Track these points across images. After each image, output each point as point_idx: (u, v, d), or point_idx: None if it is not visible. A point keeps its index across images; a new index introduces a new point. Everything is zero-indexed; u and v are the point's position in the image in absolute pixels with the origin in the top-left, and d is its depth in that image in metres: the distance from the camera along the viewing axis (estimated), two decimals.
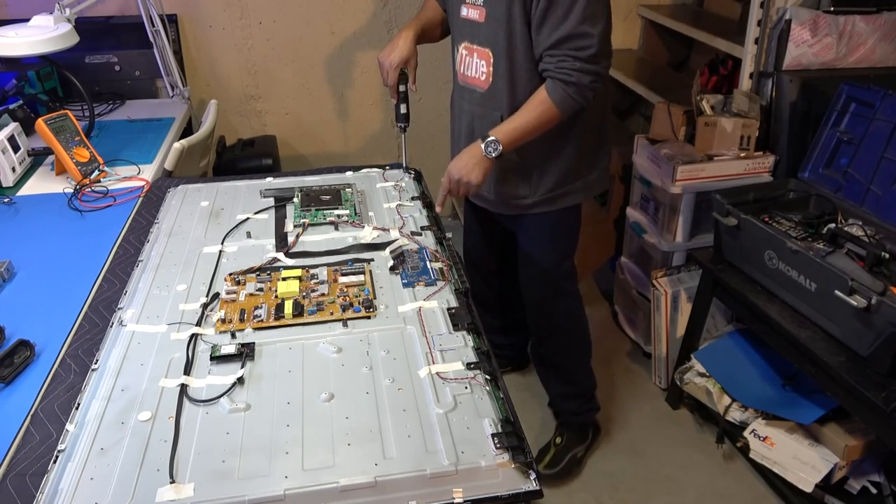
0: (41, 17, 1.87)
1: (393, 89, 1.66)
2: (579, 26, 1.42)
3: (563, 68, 1.46)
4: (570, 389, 2.00)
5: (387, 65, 1.63)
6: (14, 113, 2.00)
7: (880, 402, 1.42)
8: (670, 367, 2.22)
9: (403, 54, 1.62)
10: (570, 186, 1.69)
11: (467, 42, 1.63)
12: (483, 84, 1.61)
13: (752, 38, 2.09)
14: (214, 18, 2.65)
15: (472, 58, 1.62)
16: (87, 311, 1.24)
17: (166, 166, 1.91)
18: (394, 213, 1.53)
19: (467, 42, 1.63)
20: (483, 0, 1.55)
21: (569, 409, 2.02)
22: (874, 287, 1.44)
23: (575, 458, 1.98)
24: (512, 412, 0.97)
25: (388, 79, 1.64)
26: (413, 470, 0.88)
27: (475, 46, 1.60)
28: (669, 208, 2.15)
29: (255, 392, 1.01)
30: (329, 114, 2.94)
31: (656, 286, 2.15)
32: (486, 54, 1.57)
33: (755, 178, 2.10)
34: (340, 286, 1.25)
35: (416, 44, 1.66)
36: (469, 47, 1.63)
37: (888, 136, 1.76)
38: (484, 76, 1.60)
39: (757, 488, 1.92)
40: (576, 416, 2.01)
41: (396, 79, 1.63)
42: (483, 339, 1.13)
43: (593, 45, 1.44)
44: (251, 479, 0.87)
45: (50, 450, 0.93)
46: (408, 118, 1.68)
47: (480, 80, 1.62)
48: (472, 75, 1.64)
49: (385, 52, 1.64)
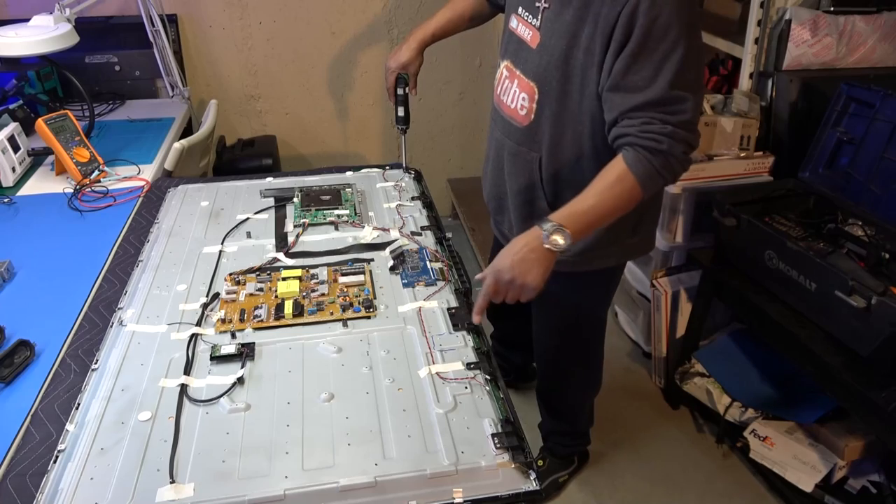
0: (41, 17, 1.87)
1: (390, 92, 1.66)
2: (672, 91, 1.13)
3: (649, 132, 1.14)
4: (566, 428, 1.90)
5: (386, 67, 1.64)
6: (14, 113, 2.00)
7: (880, 402, 1.42)
8: (670, 367, 2.21)
9: (402, 60, 1.62)
10: (603, 251, 1.42)
11: (510, 62, 1.38)
12: (522, 120, 1.35)
13: (752, 38, 2.09)
14: (214, 18, 2.65)
15: (511, 84, 1.37)
16: (87, 311, 1.24)
17: (166, 166, 1.91)
18: (394, 213, 1.53)
19: (510, 62, 1.38)
20: (539, 20, 1.28)
21: (559, 441, 1.93)
22: (874, 287, 1.44)
23: (556, 482, 1.92)
24: (512, 412, 0.97)
25: (386, 81, 1.65)
26: (413, 470, 0.88)
27: (518, 73, 1.35)
28: (669, 208, 2.15)
29: (255, 392, 1.01)
30: (329, 114, 2.94)
31: (656, 286, 2.15)
32: (531, 89, 1.31)
33: (755, 178, 2.10)
34: (340, 286, 1.25)
35: (425, 47, 1.63)
36: (511, 70, 1.37)
37: (888, 136, 1.76)
38: (525, 111, 1.34)
39: (757, 488, 1.92)
40: (564, 447, 1.93)
41: (394, 82, 1.64)
42: (483, 339, 1.13)
43: (688, 111, 1.14)
44: (251, 479, 0.87)
45: (50, 450, 0.93)
46: (407, 121, 1.69)
47: (519, 115, 1.36)
48: (508, 104, 1.39)
49: (389, 56, 1.65)
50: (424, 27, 1.63)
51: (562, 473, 1.93)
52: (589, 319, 1.65)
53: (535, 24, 1.28)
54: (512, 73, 1.38)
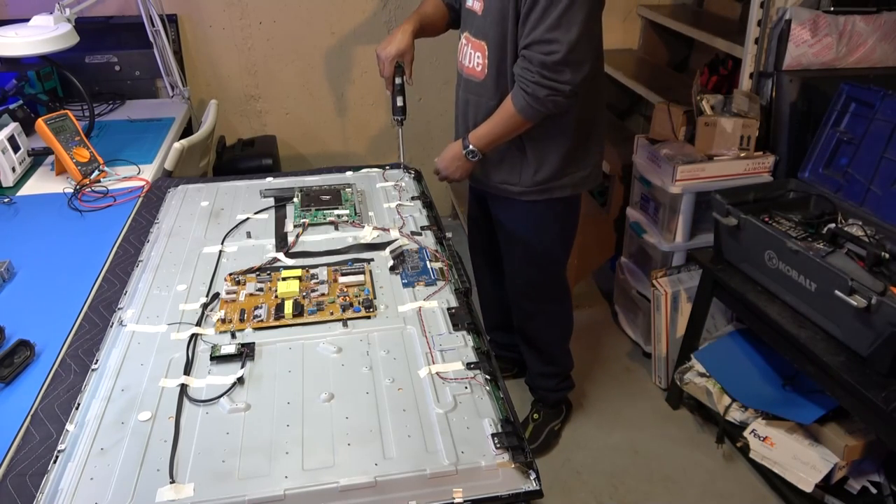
0: (41, 17, 1.87)
1: (388, 81, 1.69)
2: (548, 32, 1.44)
3: (523, 77, 1.50)
4: (550, 369, 2.07)
5: (383, 56, 1.67)
6: (14, 113, 2.00)
7: (880, 402, 1.42)
8: (670, 367, 2.22)
9: (400, 47, 1.65)
10: (556, 182, 1.71)
11: (468, 33, 1.67)
12: (479, 75, 1.65)
13: (752, 38, 2.09)
14: (214, 18, 2.65)
15: (469, 48, 1.66)
16: (87, 311, 1.24)
17: (166, 166, 1.91)
18: (394, 213, 1.53)
19: (468, 33, 1.67)
20: None
21: (546, 386, 2.09)
22: (874, 287, 1.44)
23: (553, 431, 2.09)
24: (512, 412, 0.97)
25: (383, 70, 1.68)
26: (413, 470, 0.88)
27: (472, 38, 1.65)
28: (669, 208, 2.15)
29: (255, 392, 1.01)
30: (329, 114, 2.94)
31: (656, 286, 2.15)
32: (482, 46, 1.61)
33: (755, 178, 2.10)
34: (340, 286, 1.25)
35: (415, 38, 1.69)
36: (469, 38, 1.66)
37: (888, 136, 1.76)
38: (480, 67, 1.64)
39: (757, 488, 1.92)
40: (552, 392, 2.10)
41: (392, 71, 1.67)
42: (483, 339, 1.13)
43: (558, 52, 1.44)
44: (251, 479, 0.87)
45: (50, 450, 0.93)
46: (404, 111, 1.69)
47: (476, 71, 1.65)
48: (468, 65, 1.68)
49: (382, 45, 1.68)
50: (413, 17, 1.73)
51: (555, 422, 2.10)
52: (551, 251, 1.86)
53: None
54: (468, 40, 1.66)
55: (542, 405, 2.11)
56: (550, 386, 2.09)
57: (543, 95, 1.49)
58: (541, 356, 2.05)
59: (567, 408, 2.16)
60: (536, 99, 1.50)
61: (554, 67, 1.46)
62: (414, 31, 1.69)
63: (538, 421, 2.09)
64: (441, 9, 1.79)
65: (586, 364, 2.36)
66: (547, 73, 1.47)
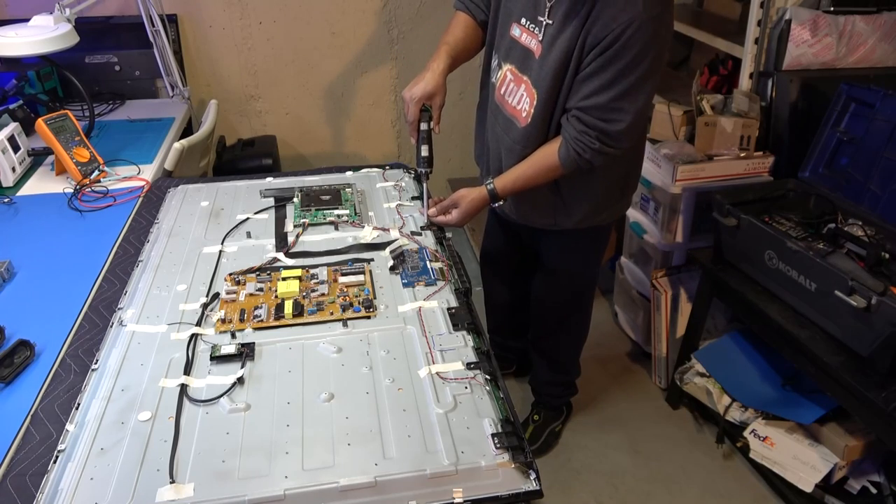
0: (41, 17, 1.87)
1: (412, 126, 1.46)
2: (615, 101, 1.32)
3: (580, 141, 1.37)
4: (559, 378, 2.07)
5: (408, 98, 1.44)
6: (14, 113, 2.00)
7: (880, 402, 1.42)
8: (670, 367, 2.21)
9: (427, 88, 1.44)
10: (602, 213, 1.65)
11: (515, 68, 1.48)
12: (522, 121, 1.48)
13: (752, 38, 2.09)
14: (214, 18, 2.65)
15: (517, 87, 1.48)
16: (87, 311, 1.24)
17: (166, 166, 1.91)
18: (394, 213, 1.53)
19: (515, 68, 1.48)
20: (543, 33, 1.39)
21: (552, 393, 2.09)
22: (874, 287, 1.44)
23: (553, 431, 2.08)
24: (512, 412, 0.97)
25: (408, 114, 1.46)
26: (413, 470, 0.88)
27: (524, 78, 1.45)
28: (669, 208, 2.15)
29: (255, 392, 1.01)
30: (329, 114, 2.94)
31: (656, 286, 2.15)
32: (533, 94, 1.43)
33: (755, 178, 2.10)
34: (340, 286, 1.25)
35: (447, 75, 1.48)
36: (517, 75, 1.48)
37: (888, 136, 1.76)
38: (525, 114, 1.46)
39: (757, 488, 1.92)
40: (556, 398, 2.10)
41: (417, 115, 1.45)
42: (483, 339, 1.13)
43: (622, 122, 1.34)
44: (251, 479, 0.87)
45: (50, 450, 0.93)
46: (430, 162, 1.47)
47: (521, 116, 1.48)
48: (512, 104, 1.50)
49: (409, 85, 1.46)
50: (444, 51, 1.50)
51: (556, 423, 2.10)
52: (586, 273, 1.86)
53: (539, 36, 1.40)
54: (518, 78, 1.48)
55: (543, 407, 2.10)
56: (556, 393, 2.08)
57: (599, 162, 1.40)
58: (552, 366, 2.03)
59: (567, 409, 2.15)
60: (587, 161, 1.40)
61: (616, 136, 1.36)
62: (446, 71, 1.47)
63: (538, 422, 2.07)
64: (473, 30, 1.57)
65: (586, 364, 2.35)
66: (608, 140, 1.36)
